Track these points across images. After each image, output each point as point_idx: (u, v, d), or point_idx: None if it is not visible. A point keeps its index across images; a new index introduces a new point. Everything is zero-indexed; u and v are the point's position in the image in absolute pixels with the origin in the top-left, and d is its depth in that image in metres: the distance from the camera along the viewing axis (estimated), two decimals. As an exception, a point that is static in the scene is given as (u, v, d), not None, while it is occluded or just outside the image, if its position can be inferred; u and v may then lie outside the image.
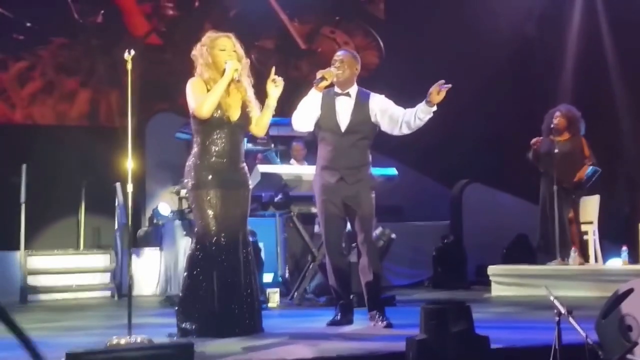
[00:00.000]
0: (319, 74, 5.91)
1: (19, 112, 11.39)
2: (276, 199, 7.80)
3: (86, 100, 11.73)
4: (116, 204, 9.92)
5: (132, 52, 5.07)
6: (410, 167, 11.13)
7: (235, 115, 5.52)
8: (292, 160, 9.79)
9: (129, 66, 5.06)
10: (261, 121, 5.63)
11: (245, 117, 5.57)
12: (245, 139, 8.94)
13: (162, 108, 11.69)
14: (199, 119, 5.44)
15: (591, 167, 9.19)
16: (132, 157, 5.10)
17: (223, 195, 5.44)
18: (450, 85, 5.70)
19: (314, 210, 7.78)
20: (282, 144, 9.80)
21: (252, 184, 5.83)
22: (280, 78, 5.59)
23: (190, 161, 5.53)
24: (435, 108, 5.78)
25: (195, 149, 5.54)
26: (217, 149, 5.47)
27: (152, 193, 11.33)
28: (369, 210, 5.99)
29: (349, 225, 6.20)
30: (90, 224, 11.07)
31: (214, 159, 5.45)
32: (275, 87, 5.54)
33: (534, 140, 9.35)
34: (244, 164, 5.65)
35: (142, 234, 10.65)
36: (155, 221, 9.73)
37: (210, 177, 5.43)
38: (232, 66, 5.41)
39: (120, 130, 5.23)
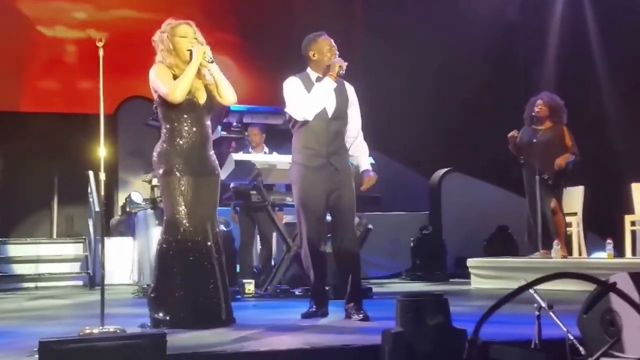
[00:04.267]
0: (338, 64, 5.76)
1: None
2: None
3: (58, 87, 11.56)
4: (89, 191, 9.76)
5: (104, 39, 4.95)
6: (388, 156, 11.00)
7: (202, 98, 5.47)
8: (250, 147, 9.44)
9: (101, 53, 4.93)
10: (219, 89, 5.48)
11: (210, 99, 5.51)
12: (219, 127, 8.84)
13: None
14: (169, 103, 5.35)
15: (572, 157, 8.94)
16: (104, 145, 4.97)
17: (194, 182, 5.37)
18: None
19: (289, 200, 7.63)
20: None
21: (226, 172, 5.70)
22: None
23: (160, 148, 5.45)
24: None
25: (163, 136, 5.46)
26: (185, 133, 5.40)
27: (125, 181, 11.19)
28: (351, 200, 5.87)
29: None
30: (64, 213, 10.93)
31: (183, 143, 5.38)
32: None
33: (510, 134, 9.11)
34: (212, 151, 5.57)
35: (115, 222, 10.54)
36: (128, 209, 9.60)
37: (181, 163, 5.35)
38: (200, 49, 5.36)
39: (93, 117, 5.08)
